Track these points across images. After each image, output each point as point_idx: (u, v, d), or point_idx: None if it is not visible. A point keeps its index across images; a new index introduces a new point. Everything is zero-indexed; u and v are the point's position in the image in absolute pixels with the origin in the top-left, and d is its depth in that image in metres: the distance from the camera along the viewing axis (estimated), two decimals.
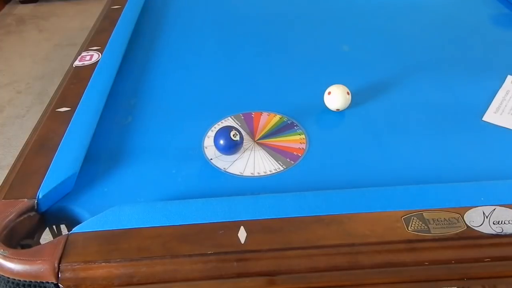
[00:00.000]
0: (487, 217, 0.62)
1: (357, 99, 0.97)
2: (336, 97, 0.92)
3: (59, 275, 0.58)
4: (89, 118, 0.88)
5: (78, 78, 1.01)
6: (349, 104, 0.93)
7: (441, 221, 0.62)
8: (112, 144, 0.87)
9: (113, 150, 0.86)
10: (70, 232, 0.63)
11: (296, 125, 0.90)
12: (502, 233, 0.60)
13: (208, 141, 0.86)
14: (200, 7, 1.49)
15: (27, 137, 0.84)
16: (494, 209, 0.63)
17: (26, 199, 0.69)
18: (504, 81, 1.02)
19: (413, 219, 0.62)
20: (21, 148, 0.81)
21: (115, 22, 1.26)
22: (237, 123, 0.91)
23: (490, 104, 0.94)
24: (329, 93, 0.93)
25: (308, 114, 0.94)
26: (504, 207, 0.63)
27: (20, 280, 0.58)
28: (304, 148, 0.84)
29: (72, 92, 0.96)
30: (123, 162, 0.83)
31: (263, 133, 0.89)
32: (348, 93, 0.92)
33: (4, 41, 2.92)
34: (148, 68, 1.14)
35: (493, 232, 0.60)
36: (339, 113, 0.94)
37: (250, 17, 1.40)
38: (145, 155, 0.84)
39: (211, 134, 0.88)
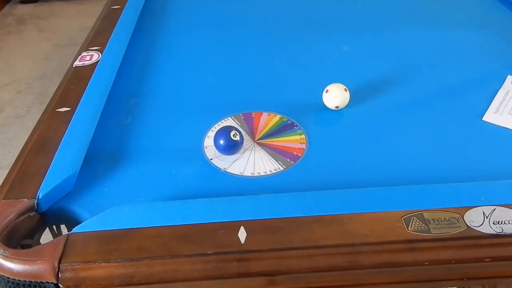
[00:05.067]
0: (487, 217, 0.62)
1: (357, 99, 0.97)
2: (334, 95, 0.92)
3: (59, 275, 0.58)
4: (89, 118, 0.88)
5: (78, 78, 1.01)
6: (348, 102, 0.93)
7: (441, 221, 0.62)
8: (112, 144, 0.87)
9: (113, 150, 0.86)
10: (70, 232, 0.63)
11: (296, 125, 0.90)
12: (502, 233, 0.60)
13: (208, 141, 0.86)
14: (200, 7, 1.49)
15: (27, 137, 0.84)
16: (494, 209, 0.63)
17: (26, 199, 0.69)
18: (504, 81, 1.02)
19: (413, 219, 0.62)
20: (21, 148, 0.81)
21: (115, 22, 1.26)
22: (237, 123, 0.91)
23: (490, 104, 0.94)
24: (327, 91, 0.93)
25: (308, 114, 0.94)
26: (504, 207, 0.63)
27: (20, 280, 0.58)
28: (304, 148, 0.84)
29: (72, 92, 0.96)
30: (123, 162, 0.83)
31: (263, 133, 0.89)
32: (345, 90, 0.92)
33: (4, 41, 2.92)
34: (148, 68, 1.14)
35: (493, 232, 0.60)
36: (339, 113, 0.94)
37: (250, 17, 1.40)
38: (145, 155, 0.84)
39: (211, 134, 0.88)
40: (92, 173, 0.79)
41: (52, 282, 0.58)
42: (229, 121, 0.92)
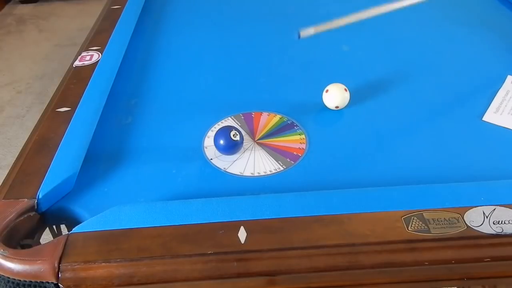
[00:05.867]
0: (487, 217, 0.62)
1: (357, 99, 0.97)
2: (334, 95, 0.92)
3: (59, 275, 0.58)
4: (89, 118, 0.88)
5: (78, 78, 1.01)
6: (348, 102, 0.93)
7: (441, 221, 0.62)
8: (112, 144, 0.87)
9: (113, 150, 0.86)
10: (70, 232, 0.63)
11: (296, 125, 0.90)
12: (502, 233, 0.60)
13: (208, 141, 0.86)
14: (200, 7, 1.49)
15: (27, 137, 0.84)
16: (494, 209, 0.63)
17: (26, 199, 0.69)
18: (504, 81, 1.02)
19: (413, 219, 0.62)
20: (21, 148, 0.81)
21: (115, 22, 1.26)
22: (237, 123, 0.91)
23: (490, 104, 0.94)
24: (327, 91, 0.93)
25: (308, 114, 0.94)
26: (504, 207, 0.63)
27: (20, 280, 0.58)
28: (304, 148, 0.84)
29: (72, 92, 0.96)
30: (123, 162, 0.83)
31: (263, 133, 0.89)
32: (345, 90, 0.92)
33: (4, 41, 2.93)
34: (148, 68, 1.14)
35: (493, 232, 0.60)
36: (339, 113, 0.94)
37: (250, 17, 1.40)
38: (145, 155, 0.84)
39: (211, 134, 0.88)
40: (92, 173, 0.79)
41: (52, 282, 0.58)
42: (229, 121, 0.92)
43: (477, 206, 0.64)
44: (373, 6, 1.42)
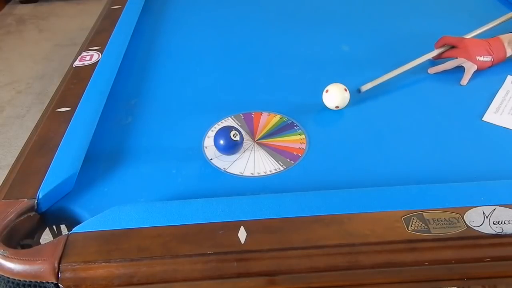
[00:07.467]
0: (487, 217, 0.62)
1: (357, 99, 0.97)
2: (334, 95, 0.92)
3: (59, 275, 0.58)
4: (89, 118, 0.88)
5: (78, 78, 1.01)
6: (348, 102, 0.93)
7: (441, 221, 0.62)
8: (112, 144, 0.87)
9: (113, 150, 0.86)
10: (70, 232, 0.63)
11: (296, 125, 0.90)
12: (502, 233, 0.60)
13: (208, 141, 0.86)
14: (200, 7, 1.49)
15: (27, 137, 0.84)
16: (494, 209, 0.63)
17: (26, 199, 0.69)
18: (504, 81, 1.02)
19: (413, 219, 0.62)
20: (21, 148, 0.81)
21: (115, 22, 1.26)
22: (237, 123, 0.91)
23: (490, 104, 0.94)
24: (327, 91, 0.93)
25: (308, 114, 0.94)
26: (504, 207, 0.63)
27: (20, 280, 0.58)
28: (304, 148, 0.84)
29: (72, 92, 0.96)
30: (123, 162, 0.83)
31: (263, 133, 0.89)
32: (345, 90, 0.92)
33: (4, 41, 2.93)
34: (148, 68, 1.14)
35: (493, 232, 0.60)
36: (339, 113, 0.94)
37: (249, 17, 1.41)
38: (145, 155, 0.84)
39: (211, 134, 0.88)
40: (92, 173, 0.79)
41: (52, 282, 0.58)
42: (229, 121, 0.92)
43: (477, 206, 0.64)
44: (370, 6, 1.43)
